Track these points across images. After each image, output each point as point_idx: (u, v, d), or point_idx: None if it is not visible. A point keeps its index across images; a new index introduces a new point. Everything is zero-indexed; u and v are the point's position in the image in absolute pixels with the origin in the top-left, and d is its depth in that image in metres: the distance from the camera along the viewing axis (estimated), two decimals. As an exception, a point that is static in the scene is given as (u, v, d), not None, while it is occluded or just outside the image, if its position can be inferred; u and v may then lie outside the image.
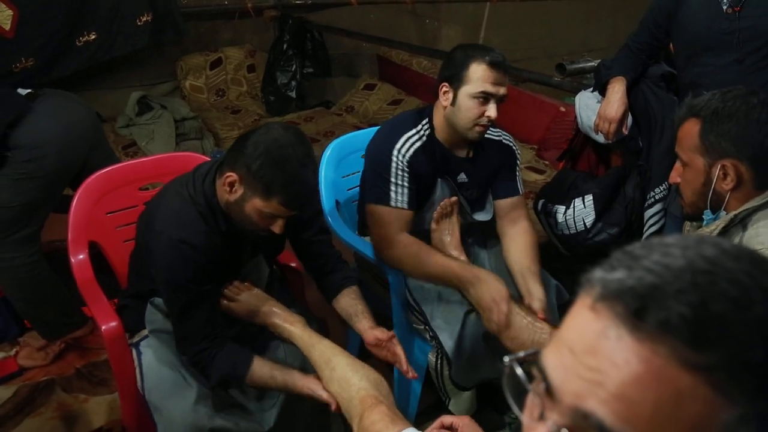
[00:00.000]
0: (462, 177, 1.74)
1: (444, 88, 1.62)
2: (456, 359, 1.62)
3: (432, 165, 1.67)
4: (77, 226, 1.62)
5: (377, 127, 1.83)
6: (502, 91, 1.56)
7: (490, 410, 1.91)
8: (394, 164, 1.62)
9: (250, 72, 4.40)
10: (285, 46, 4.17)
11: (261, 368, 1.35)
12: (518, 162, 1.82)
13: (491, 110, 1.56)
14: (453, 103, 1.60)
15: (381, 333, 1.45)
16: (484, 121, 1.58)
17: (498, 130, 1.80)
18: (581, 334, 0.40)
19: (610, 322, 0.39)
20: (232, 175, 1.28)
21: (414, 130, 1.67)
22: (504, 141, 1.80)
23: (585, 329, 0.40)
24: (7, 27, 2.97)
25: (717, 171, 1.19)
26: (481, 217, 1.80)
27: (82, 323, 2.10)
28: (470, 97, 1.56)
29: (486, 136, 1.70)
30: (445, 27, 4.43)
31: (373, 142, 1.73)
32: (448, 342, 1.61)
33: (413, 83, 4.17)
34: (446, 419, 1.03)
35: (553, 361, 0.41)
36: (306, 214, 1.56)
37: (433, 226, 1.72)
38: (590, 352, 0.39)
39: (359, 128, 3.07)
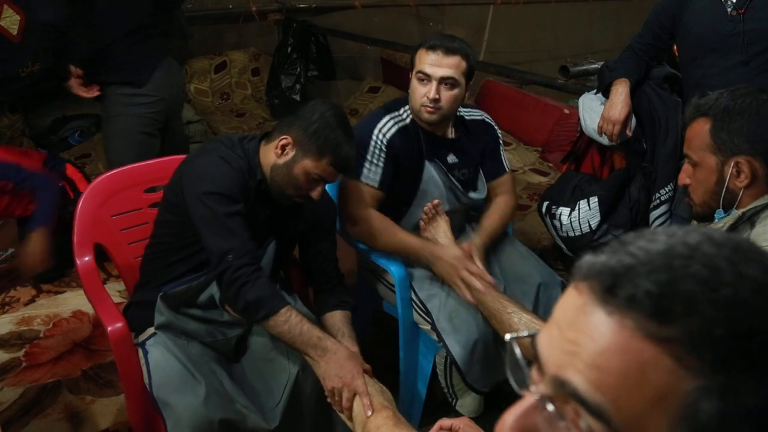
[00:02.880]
0: (452, 158, 1.79)
1: (409, 75, 1.72)
2: (468, 365, 1.62)
3: (416, 147, 1.72)
4: (83, 228, 1.63)
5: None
6: (440, 72, 1.62)
7: (497, 411, 1.91)
8: (372, 143, 1.69)
9: (255, 75, 4.42)
10: (289, 49, 4.19)
11: (296, 314, 1.36)
12: (501, 140, 1.90)
13: (430, 90, 1.63)
14: (410, 88, 1.70)
15: None
16: (425, 101, 1.65)
17: (477, 110, 1.89)
18: (565, 310, 0.43)
19: (588, 298, 0.42)
20: (287, 138, 1.41)
21: (396, 113, 1.75)
22: (486, 120, 1.88)
23: (568, 306, 0.43)
24: (14, 32, 2.99)
25: (730, 169, 1.18)
26: (476, 195, 1.84)
27: None
28: (414, 79, 1.68)
29: (467, 117, 1.81)
30: (448, 29, 4.44)
31: (360, 122, 1.80)
32: (455, 347, 1.61)
33: (417, 86, 4.17)
34: (445, 422, 1.03)
35: (543, 337, 0.45)
36: (324, 224, 1.62)
37: (423, 231, 1.73)
38: (571, 326, 0.42)
39: (363, 131, 3.07)
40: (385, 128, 1.71)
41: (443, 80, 1.63)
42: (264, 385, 1.47)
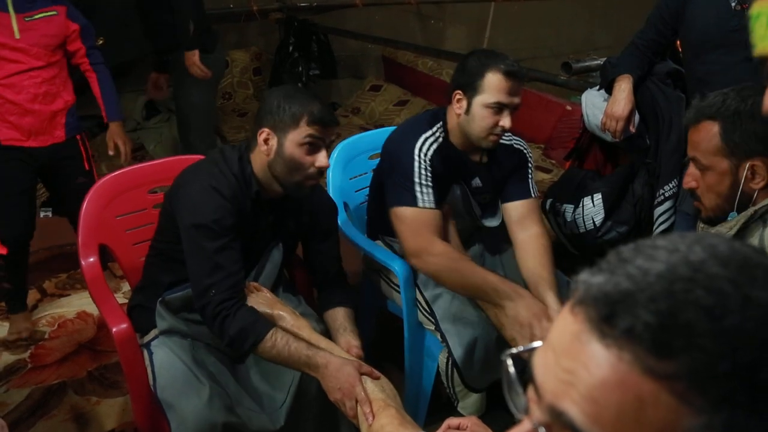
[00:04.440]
0: (477, 182, 1.72)
1: (458, 96, 1.60)
2: (468, 365, 1.62)
3: (448, 168, 1.65)
4: (87, 229, 1.63)
5: (384, 129, 1.83)
6: (516, 100, 1.56)
7: (500, 410, 1.91)
8: (416, 164, 1.59)
9: (257, 75, 4.42)
10: (291, 48, 4.18)
11: (282, 335, 1.33)
12: (530, 165, 1.79)
13: (505, 120, 1.56)
14: (467, 111, 1.59)
15: (354, 353, 1.42)
16: (498, 131, 1.58)
17: (509, 134, 1.76)
18: (560, 335, 0.42)
19: (584, 326, 0.40)
20: (264, 131, 1.40)
21: (430, 132, 1.65)
22: (515, 145, 1.78)
23: (563, 331, 0.41)
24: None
25: (745, 171, 1.16)
26: (491, 222, 1.77)
27: None
28: (485, 106, 1.55)
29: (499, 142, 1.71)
30: (450, 27, 4.44)
31: (390, 144, 1.70)
32: (457, 348, 1.61)
33: (419, 84, 4.17)
34: (453, 421, 1.03)
35: (539, 359, 0.43)
36: (325, 225, 1.60)
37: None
38: (566, 353, 0.40)
39: (366, 129, 3.07)
40: (425, 147, 1.62)
41: (515, 108, 1.57)
42: (268, 386, 1.47)
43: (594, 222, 2.13)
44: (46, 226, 2.52)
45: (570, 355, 0.40)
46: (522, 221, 1.71)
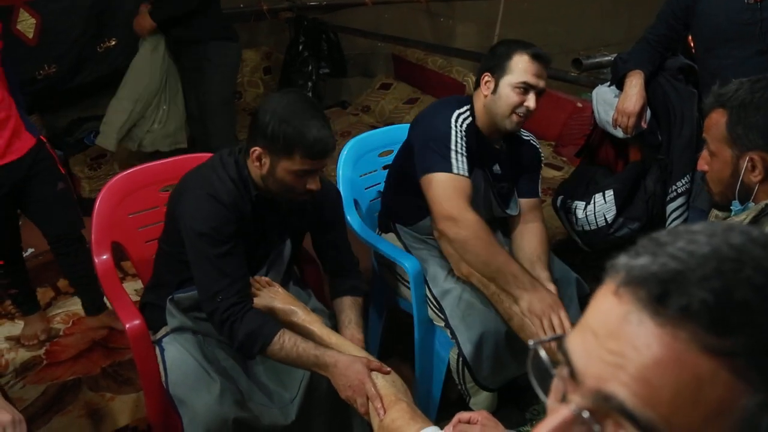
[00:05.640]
0: (497, 168, 1.76)
1: (486, 78, 1.67)
2: (477, 362, 1.62)
3: (473, 148, 1.69)
4: (100, 227, 1.65)
5: (394, 126, 1.85)
6: (541, 84, 1.62)
7: (511, 407, 1.91)
8: (453, 132, 1.63)
9: (267, 74, 4.43)
10: (300, 47, 4.19)
11: (289, 337, 1.34)
12: (541, 166, 1.87)
13: (530, 101, 1.62)
14: (494, 91, 1.65)
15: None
16: (522, 110, 1.63)
17: (528, 132, 1.86)
18: (604, 318, 0.41)
19: (633, 307, 0.39)
20: (256, 149, 1.37)
21: (462, 109, 1.70)
22: (532, 142, 1.85)
23: (608, 314, 0.41)
24: (30, 35, 3.02)
25: (745, 163, 1.16)
26: (512, 211, 1.81)
27: None
28: (511, 86, 1.61)
29: (517, 135, 1.77)
30: (459, 24, 4.42)
31: (423, 118, 1.73)
32: (466, 345, 1.61)
33: (429, 82, 4.16)
34: (463, 415, 1.03)
35: (576, 344, 0.42)
36: (330, 215, 1.60)
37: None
38: (612, 335, 0.40)
39: (375, 127, 3.07)
40: (461, 119, 1.66)
41: (540, 91, 1.62)
42: (279, 381, 1.48)
43: (606, 219, 2.12)
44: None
45: (617, 337, 0.39)
46: (524, 216, 1.80)
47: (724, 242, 0.39)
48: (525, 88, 1.61)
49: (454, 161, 1.61)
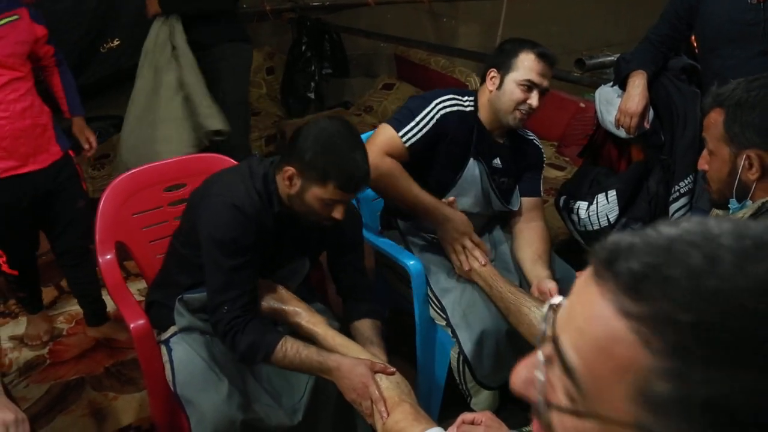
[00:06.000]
0: (497, 162, 1.78)
1: (492, 74, 1.70)
2: (478, 361, 1.62)
3: (467, 138, 1.71)
4: (104, 228, 1.66)
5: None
6: (545, 83, 1.66)
7: (513, 407, 1.91)
8: (428, 108, 1.67)
9: (269, 74, 4.44)
10: (303, 47, 4.20)
11: (292, 344, 1.34)
12: (543, 166, 1.90)
13: (533, 98, 1.65)
14: (499, 87, 1.67)
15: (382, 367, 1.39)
16: (525, 107, 1.66)
17: (531, 133, 1.89)
18: (577, 282, 0.47)
19: (592, 271, 0.45)
20: (290, 169, 1.37)
21: (458, 97, 1.73)
22: (535, 142, 1.88)
23: (580, 278, 0.46)
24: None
25: (742, 161, 1.18)
26: (513, 206, 1.84)
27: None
28: (516, 83, 1.65)
29: (520, 133, 1.80)
30: (462, 25, 4.42)
31: (416, 96, 1.80)
32: (467, 344, 1.62)
33: (432, 82, 4.16)
34: (467, 416, 1.04)
35: (562, 308, 0.48)
36: (350, 237, 1.58)
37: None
38: (575, 294, 0.46)
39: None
40: (446, 103, 1.70)
41: (543, 90, 1.65)
42: (286, 383, 1.49)
43: (608, 219, 2.12)
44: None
45: (576, 294, 0.45)
46: (527, 217, 1.83)
47: (703, 229, 0.42)
48: (529, 85, 1.64)
49: (408, 127, 1.66)
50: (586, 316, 0.43)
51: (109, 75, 3.44)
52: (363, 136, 1.96)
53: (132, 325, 1.46)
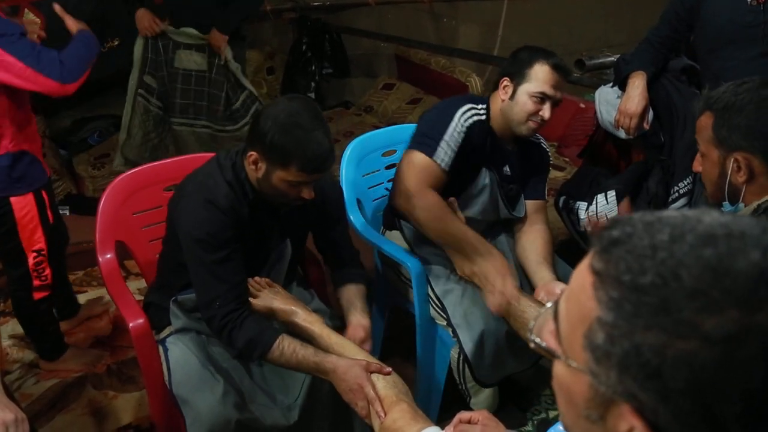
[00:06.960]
0: (507, 170, 1.78)
1: (504, 83, 1.68)
2: (478, 360, 1.63)
3: (482, 147, 1.70)
4: (104, 227, 1.66)
5: (397, 126, 1.85)
6: (559, 95, 1.64)
7: (512, 407, 1.91)
8: (453, 124, 1.64)
9: (270, 74, 4.44)
10: (304, 47, 4.20)
11: (289, 343, 1.35)
12: (549, 168, 1.89)
13: (546, 111, 1.63)
14: (511, 97, 1.66)
15: (362, 332, 1.47)
16: (537, 119, 1.64)
17: (539, 135, 1.87)
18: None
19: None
20: (253, 154, 1.35)
21: (474, 106, 1.71)
22: (542, 145, 1.87)
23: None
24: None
25: (731, 164, 1.19)
26: (519, 212, 1.83)
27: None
28: (529, 95, 1.63)
29: (529, 137, 1.77)
30: (462, 25, 4.42)
31: (431, 110, 1.77)
32: (468, 343, 1.62)
33: (432, 82, 4.17)
34: (464, 415, 1.04)
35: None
36: (333, 212, 1.60)
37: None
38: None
39: (378, 128, 3.07)
40: (467, 114, 1.67)
41: (556, 102, 1.64)
42: (282, 383, 1.49)
43: (607, 219, 2.12)
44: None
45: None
46: (530, 218, 1.82)
47: (693, 217, 0.46)
48: (542, 98, 1.62)
49: (440, 150, 1.62)
50: (576, 272, 0.51)
51: (109, 74, 3.44)
52: (367, 140, 2.01)
53: (131, 325, 1.46)
